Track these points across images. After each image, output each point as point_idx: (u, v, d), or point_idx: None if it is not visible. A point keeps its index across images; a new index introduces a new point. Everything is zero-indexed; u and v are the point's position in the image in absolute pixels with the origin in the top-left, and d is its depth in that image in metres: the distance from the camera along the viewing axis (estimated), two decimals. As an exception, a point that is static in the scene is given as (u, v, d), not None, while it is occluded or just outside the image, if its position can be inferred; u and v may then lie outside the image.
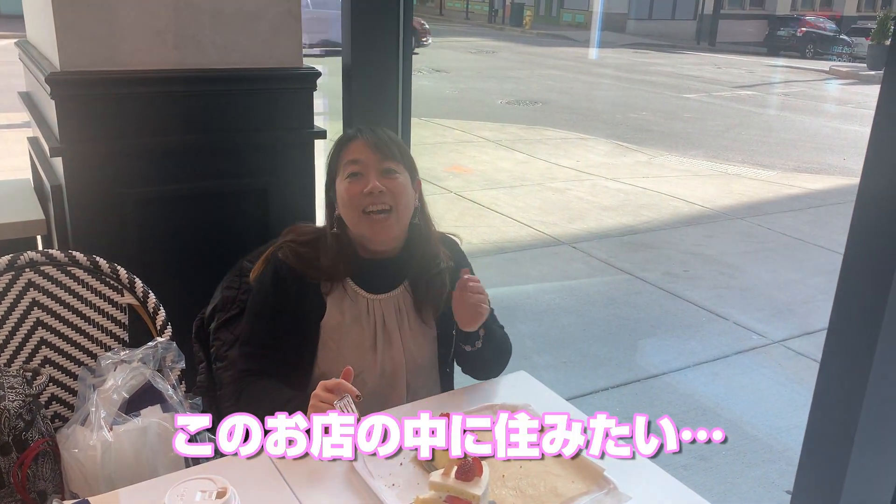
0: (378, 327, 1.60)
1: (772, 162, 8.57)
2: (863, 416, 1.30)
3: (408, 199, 1.56)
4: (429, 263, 1.63)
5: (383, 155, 1.54)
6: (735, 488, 2.83)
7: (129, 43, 1.90)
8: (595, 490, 1.27)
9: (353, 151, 1.55)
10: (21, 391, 1.36)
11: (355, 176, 1.53)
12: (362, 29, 2.19)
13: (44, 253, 1.65)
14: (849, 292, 1.30)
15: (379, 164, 1.53)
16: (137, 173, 1.96)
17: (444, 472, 1.18)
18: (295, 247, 1.59)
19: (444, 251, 1.68)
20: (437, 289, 1.64)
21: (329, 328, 1.58)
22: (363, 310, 1.60)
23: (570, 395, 3.38)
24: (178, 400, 1.41)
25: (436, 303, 1.64)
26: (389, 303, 1.62)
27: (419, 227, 1.64)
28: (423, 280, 1.63)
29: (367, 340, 1.59)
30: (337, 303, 1.59)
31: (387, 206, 1.52)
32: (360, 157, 1.54)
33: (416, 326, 1.64)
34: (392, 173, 1.54)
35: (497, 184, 7.04)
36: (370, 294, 1.61)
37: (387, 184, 1.52)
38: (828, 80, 16.99)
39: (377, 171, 1.53)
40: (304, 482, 1.27)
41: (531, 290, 4.67)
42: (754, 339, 4.14)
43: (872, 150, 1.23)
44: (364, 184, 1.51)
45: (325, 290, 1.58)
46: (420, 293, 1.63)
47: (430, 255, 1.64)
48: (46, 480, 1.35)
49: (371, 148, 1.53)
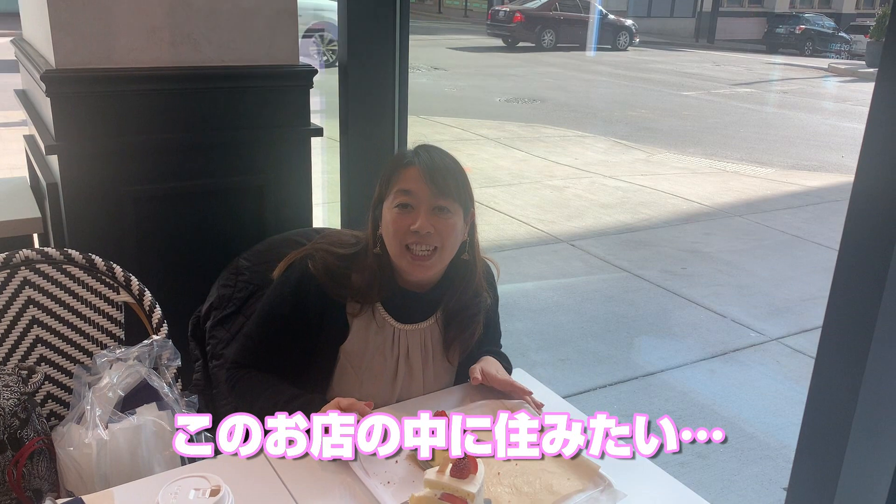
0: (401, 359, 1.53)
1: (770, 159, 8.58)
2: (857, 413, 1.31)
3: (455, 238, 1.47)
4: (468, 303, 1.54)
5: (438, 190, 1.42)
6: (732, 485, 2.84)
7: (125, 40, 1.90)
8: (591, 487, 1.27)
9: (407, 179, 1.43)
10: (16, 389, 1.36)
11: (405, 208, 1.43)
12: (359, 26, 2.19)
13: (39, 251, 1.65)
14: (843, 289, 1.31)
15: (431, 201, 1.42)
16: (133, 171, 1.96)
17: (439, 470, 1.18)
18: (328, 258, 1.49)
19: (486, 288, 1.58)
20: (471, 331, 1.56)
21: (350, 353, 1.51)
22: (388, 339, 1.52)
23: (568, 392, 3.38)
24: (174, 398, 1.41)
25: (466, 344, 1.57)
26: (416, 335, 1.54)
27: (465, 264, 1.53)
28: (458, 319, 1.54)
29: (389, 371, 1.52)
30: (362, 327, 1.50)
31: (431, 248, 1.43)
32: (412, 189, 1.42)
33: (439, 363, 1.57)
34: (444, 212, 1.43)
35: (495, 181, 7.04)
36: (399, 323, 1.52)
37: (436, 224, 1.42)
38: (826, 78, 17.00)
39: (428, 208, 1.42)
40: (299, 479, 1.27)
41: (529, 288, 4.67)
42: (752, 336, 4.14)
43: (867, 148, 1.23)
44: (413, 219, 1.42)
45: (351, 312, 1.50)
46: (452, 331, 1.55)
47: (471, 294, 1.54)
48: (42, 479, 1.35)
49: (427, 181, 1.42)
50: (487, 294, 1.58)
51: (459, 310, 1.54)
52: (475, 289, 1.54)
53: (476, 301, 1.55)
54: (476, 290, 1.55)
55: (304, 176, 2.19)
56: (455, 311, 1.54)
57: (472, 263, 1.53)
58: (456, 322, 1.54)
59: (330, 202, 4.92)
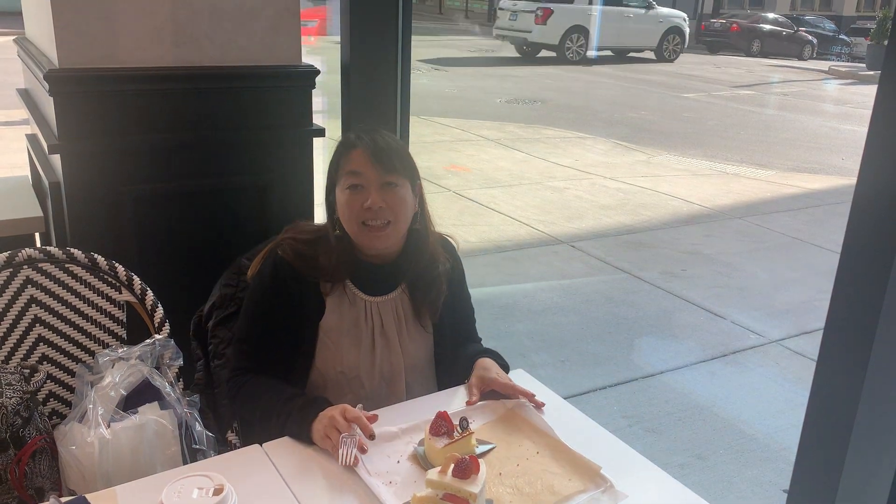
0: (376, 330, 1.60)
1: (770, 161, 8.58)
2: (859, 416, 1.31)
3: (407, 209, 1.56)
4: (426, 267, 1.63)
5: (384, 168, 1.52)
6: (732, 487, 2.84)
7: (128, 40, 1.90)
8: (592, 488, 1.27)
9: (353, 161, 1.53)
10: (19, 388, 1.36)
11: (355, 188, 1.52)
12: (361, 26, 2.19)
13: (42, 250, 1.65)
14: (845, 291, 1.31)
15: (379, 178, 1.52)
16: (136, 171, 1.96)
17: (440, 470, 1.19)
18: (295, 244, 1.58)
19: (443, 253, 1.67)
20: (435, 292, 1.64)
21: (327, 329, 1.58)
22: (361, 312, 1.60)
23: (568, 393, 3.38)
24: (176, 397, 1.41)
25: (434, 306, 1.65)
26: (388, 305, 1.62)
27: (418, 232, 1.64)
28: (420, 284, 1.63)
29: (366, 342, 1.59)
30: (336, 304, 1.59)
31: (385, 221, 1.53)
32: (360, 170, 1.52)
33: (413, 329, 1.64)
34: (392, 186, 1.53)
35: (496, 182, 7.04)
36: (368, 296, 1.61)
37: (387, 198, 1.52)
38: (827, 80, 16.99)
39: (377, 185, 1.52)
40: (301, 479, 1.28)
41: (529, 289, 4.67)
42: (752, 338, 4.15)
43: (869, 150, 1.23)
44: (364, 197, 1.51)
45: (324, 291, 1.58)
46: (418, 297, 1.64)
47: (428, 259, 1.64)
48: (44, 477, 1.35)
49: (372, 160, 1.51)
50: (446, 259, 1.66)
51: (420, 274, 1.63)
52: (431, 254, 1.64)
53: (434, 265, 1.64)
54: (432, 256, 1.64)
55: (305, 176, 2.19)
56: (416, 277, 1.63)
57: (423, 232, 1.64)
58: (420, 287, 1.63)
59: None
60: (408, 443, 1.38)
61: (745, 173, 8.02)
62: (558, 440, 1.39)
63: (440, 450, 1.28)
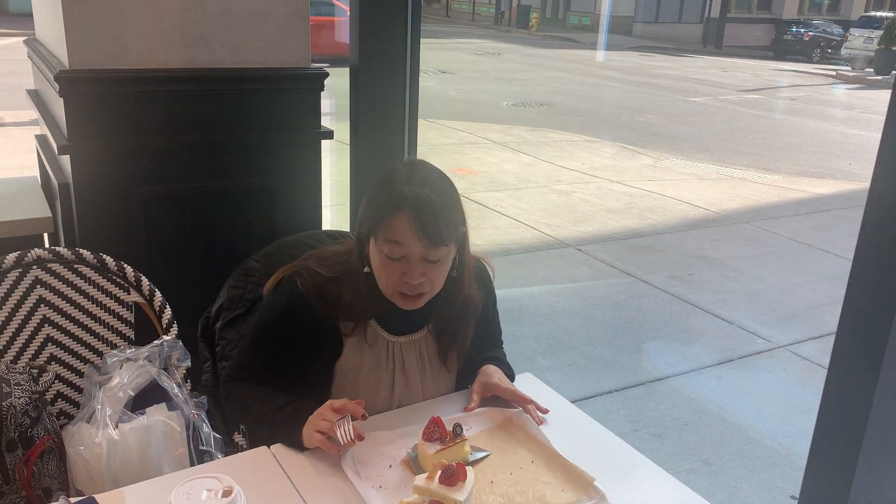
0: (397, 370, 1.52)
1: (777, 166, 8.56)
2: (871, 421, 1.30)
3: (445, 274, 1.43)
4: (457, 314, 1.52)
5: (430, 241, 1.33)
6: (739, 493, 2.82)
7: (138, 42, 1.90)
8: (584, 499, 1.25)
9: (396, 229, 1.34)
10: (27, 388, 1.36)
11: (395, 258, 1.36)
12: (370, 30, 2.19)
13: (51, 250, 1.65)
14: (858, 296, 1.30)
15: (423, 252, 1.35)
16: (145, 172, 1.96)
17: (428, 476, 1.18)
18: (317, 279, 1.45)
19: (477, 294, 1.54)
20: (464, 336, 1.54)
21: (345, 370, 1.49)
22: (383, 352, 1.51)
23: (576, 397, 3.37)
24: (184, 398, 1.41)
25: (461, 350, 1.55)
26: (411, 346, 1.53)
27: (453, 279, 1.47)
28: (449, 330, 1.53)
29: (385, 384, 1.51)
30: (356, 344, 1.49)
31: (423, 291, 1.40)
32: (402, 241, 1.34)
33: (437, 371, 1.56)
34: (435, 262, 1.37)
35: (502, 185, 7.04)
36: (391, 336, 1.51)
37: (428, 272, 1.37)
38: (834, 85, 16.96)
39: (419, 258, 1.36)
40: (309, 482, 1.27)
41: (536, 293, 4.67)
42: (759, 343, 4.13)
43: (883, 155, 1.22)
44: (403, 268, 1.36)
45: (344, 331, 1.47)
46: (445, 340, 1.54)
47: (459, 306, 1.52)
48: (52, 478, 1.35)
49: (418, 234, 1.32)
50: (480, 296, 1.55)
51: (449, 321, 1.52)
52: (464, 299, 1.52)
53: (465, 311, 1.53)
54: (465, 301, 1.52)
55: (314, 178, 2.19)
56: (445, 323, 1.53)
57: (458, 279, 1.49)
58: (448, 332, 1.53)
59: (338, 204, 4.93)
60: (402, 447, 1.36)
61: (752, 177, 8.00)
62: (554, 450, 1.35)
63: (431, 455, 1.27)
